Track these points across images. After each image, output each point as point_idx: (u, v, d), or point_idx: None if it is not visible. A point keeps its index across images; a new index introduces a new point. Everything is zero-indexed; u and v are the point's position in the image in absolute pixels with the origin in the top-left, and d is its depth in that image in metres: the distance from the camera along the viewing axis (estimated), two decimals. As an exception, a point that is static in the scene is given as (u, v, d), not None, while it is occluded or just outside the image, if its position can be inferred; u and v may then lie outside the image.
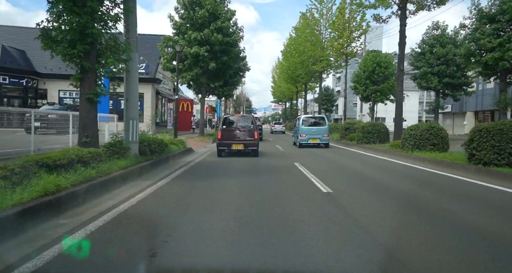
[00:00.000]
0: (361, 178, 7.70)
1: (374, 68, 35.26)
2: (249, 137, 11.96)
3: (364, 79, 35.60)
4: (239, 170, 9.49)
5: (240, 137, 11.94)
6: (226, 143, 11.93)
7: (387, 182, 7.14)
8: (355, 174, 8.41)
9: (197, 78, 20.06)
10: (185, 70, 19.77)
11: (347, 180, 7.43)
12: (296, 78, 34.42)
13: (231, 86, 29.38)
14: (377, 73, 35.66)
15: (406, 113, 50.04)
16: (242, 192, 5.92)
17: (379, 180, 7.32)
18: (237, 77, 29.44)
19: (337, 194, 5.58)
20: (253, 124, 12.33)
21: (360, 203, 5.00)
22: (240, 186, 6.57)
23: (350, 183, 7.05)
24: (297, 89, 44.46)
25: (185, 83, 21.17)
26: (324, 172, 8.64)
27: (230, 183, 6.90)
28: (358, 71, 36.64)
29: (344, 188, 6.32)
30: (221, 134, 12.01)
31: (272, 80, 54.90)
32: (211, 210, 4.54)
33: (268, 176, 8.04)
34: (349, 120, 33.45)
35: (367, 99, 37.65)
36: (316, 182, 6.70)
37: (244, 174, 8.50)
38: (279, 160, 11.57)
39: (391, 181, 7.31)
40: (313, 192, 5.79)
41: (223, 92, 29.08)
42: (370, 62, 35.61)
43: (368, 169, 9.14)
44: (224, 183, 6.82)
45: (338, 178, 7.70)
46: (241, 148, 11.89)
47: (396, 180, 7.49)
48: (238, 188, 6.28)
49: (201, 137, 20.38)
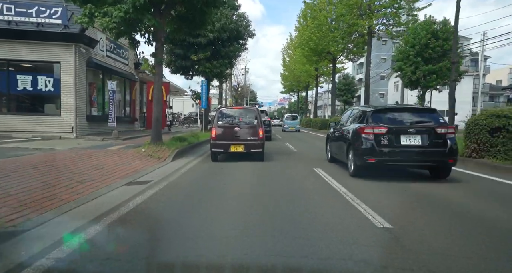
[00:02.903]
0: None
1: (428, 41, 24.72)
2: (252, 136, 9.27)
3: (413, 56, 25.11)
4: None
5: (241, 136, 9.26)
6: (222, 144, 9.22)
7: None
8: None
9: (149, 22, 9.44)
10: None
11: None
12: (323, 50, 23.58)
13: (225, 59, 18.73)
14: (432, 47, 25.01)
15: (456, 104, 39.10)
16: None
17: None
18: (234, 46, 18.77)
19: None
20: (258, 119, 9.57)
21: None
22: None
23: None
24: (318, 73, 33.67)
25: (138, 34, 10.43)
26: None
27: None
28: (402, 47, 26.14)
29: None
30: (215, 132, 9.31)
31: (283, 63, 43.97)
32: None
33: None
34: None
35: (416, 84, 27.28)
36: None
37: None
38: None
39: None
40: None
41: (211, 69, 18.45)
42: (422, 33, 25.11)
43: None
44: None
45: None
46: (242, 150, 9.17)
47: None
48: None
49: (153, 147, 9.79)
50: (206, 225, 3.87)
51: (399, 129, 6.56)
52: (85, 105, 13.70)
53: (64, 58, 12.84)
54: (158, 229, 3.89)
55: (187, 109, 50.92)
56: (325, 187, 6.05)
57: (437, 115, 6.93)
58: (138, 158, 8.82)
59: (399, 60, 26.68)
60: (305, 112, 48.37)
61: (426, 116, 6.98)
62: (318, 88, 39.45)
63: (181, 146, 11.07)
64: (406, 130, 6.51)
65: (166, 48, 18.78)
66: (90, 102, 14.59)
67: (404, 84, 28.34)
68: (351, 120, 8.09)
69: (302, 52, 26.69)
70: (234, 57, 19.78)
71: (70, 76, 12.87)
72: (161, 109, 10.89)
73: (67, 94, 12.91)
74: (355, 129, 7.12)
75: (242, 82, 51.30)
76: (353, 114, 8.34)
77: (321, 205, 4.76)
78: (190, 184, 6.58)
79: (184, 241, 3.38)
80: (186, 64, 18.43)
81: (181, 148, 10.74)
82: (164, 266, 2.87)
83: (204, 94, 18.25)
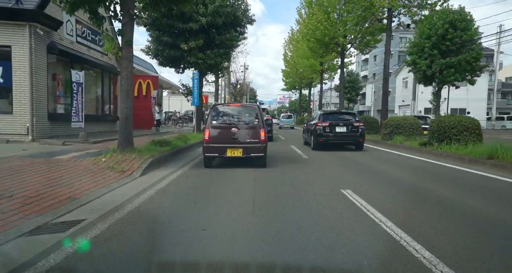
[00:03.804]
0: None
1: (445, 31, 22.36)
2: (253, 138, 7.91)
3: (429, 48, 22.74)
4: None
5: (239, 138, 7.90)
6: (217, 148, 7.85)
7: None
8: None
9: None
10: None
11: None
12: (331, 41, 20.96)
13: (220, 49, 16.09)
14: (450, 38, 22.59)
15: (470, 102, 36.37)
16: None
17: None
18: (230, 34, 16.14)
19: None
20: (259, 118, 8.16)
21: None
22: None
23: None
24: (322, 68, 31.04)
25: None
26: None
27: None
28: (417, 39, 23.79)
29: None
30: (209, 133, 7.91)
31: (284, 58, 41.20)
32: None
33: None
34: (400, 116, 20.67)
35: (431, 79, 24.96)
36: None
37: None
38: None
39: None
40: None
41: (204, 60, 15.86)
42: (439, 23, 22.70)
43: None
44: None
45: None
46: (240, 154, 7.78)
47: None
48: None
49: (118, 156, 7.23)
50: None
51: (335, 123, 12.02)
52: (46, 101, 11.09)
53: (15, 42, 10.22)
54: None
55: (186, 107, 48.44)
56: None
57: (355, 116, 13.06)
58: (92, 172, 6.25)
59: (412, 53, 24.20)
60: (307, 111, 45.53)
61: (349, 116, 12.92)
62: (322, 85, 36.84)
63: (159, 153, 8.52)
64: (338, 124, 12.04)
65: (152, 36, 16.20)
66: (55, 98, 12.00)
67: (418, 79, 25.76)
68: (313, 119, 13.51)
69: (307, 44, 24.01)
70: (231, 47, 17.10)
71: (24, 64, 10.25)
72: (131, 105, 8.30)
73: (21, 87, 10.30)
74: (314, 124, 12.56)
75: (242, 79, 48.68)
76: (316, 115, 13.97)
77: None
78: (152, 223, 4.04)
79: None
80: (176, 54, 15.83)
81: (158, 156, 8.19)
82: None
83: (196, 89, 15.67)
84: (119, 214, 4.22)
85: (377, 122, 18.35)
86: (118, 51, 7.70)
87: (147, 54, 16.80)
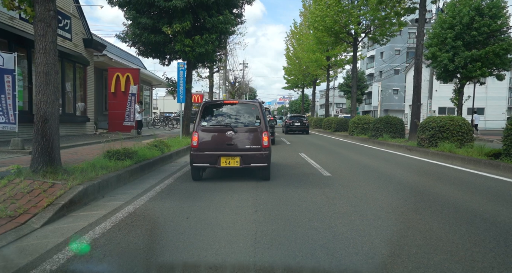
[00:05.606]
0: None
1: (471, 19, 19.24)
2: (253, 143, 6.31)
3: (451, 39, 19.76)
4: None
5: (236, 143, 6.32)
6: (208, 156, 6.24)
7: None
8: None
9: None
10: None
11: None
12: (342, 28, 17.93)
13: (212, 34, 13.02)
14: (476, 27, 19.57)
15: (489, 100, 33.41)
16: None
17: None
18: (224, 16, 13.06)
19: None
20: (261, 118, 6.50)
21: None
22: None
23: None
24: (329, 63, 27.98)
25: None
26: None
27: None
28: (436, 30, 20.94)
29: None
30: (198, 137, 6.33)
31: (286, 54, 38.08)
32: None
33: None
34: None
35: (452, 75, 22.25)
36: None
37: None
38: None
39: None
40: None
41: (193, 48, 12.85)
42: (464, 10, 19.75)
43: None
44: None
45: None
46: (237, 164, 6.22)
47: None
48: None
49: (22, 183, 4.22)
50: None
51: (294, 120, 24.48)
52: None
53: None
54: None
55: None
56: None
57: (305, 117, 25.96)
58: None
59: (432, 45, 21.28)
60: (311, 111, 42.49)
61: (302, 117, 25.51)
62: (328, 82, 33.88)
63: (110, 172, 5.48)
64: (296, 121, 24.40)
65: (127, 17, 13.16)
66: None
67: (437, 75, 22.80)
68: (286, 117, 27.79)
69: (314, 33, 21.02)
70: (225, 33, 14.00)
71: None
72: (53, 98, 5.14)
73: None
74: (285, 120, 26.79)
75: (240, 77, 45.73)
76: (286, 117, 28.64)
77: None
78: None
79: None
80: (157, 39, 12.81)
81: (105, 177, 5.13)
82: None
83: (181, 83, 12.62)
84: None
85: (402, 123, 15.34)
86: (28, 5, 4.58)
87: (123, 41, 13.70)
